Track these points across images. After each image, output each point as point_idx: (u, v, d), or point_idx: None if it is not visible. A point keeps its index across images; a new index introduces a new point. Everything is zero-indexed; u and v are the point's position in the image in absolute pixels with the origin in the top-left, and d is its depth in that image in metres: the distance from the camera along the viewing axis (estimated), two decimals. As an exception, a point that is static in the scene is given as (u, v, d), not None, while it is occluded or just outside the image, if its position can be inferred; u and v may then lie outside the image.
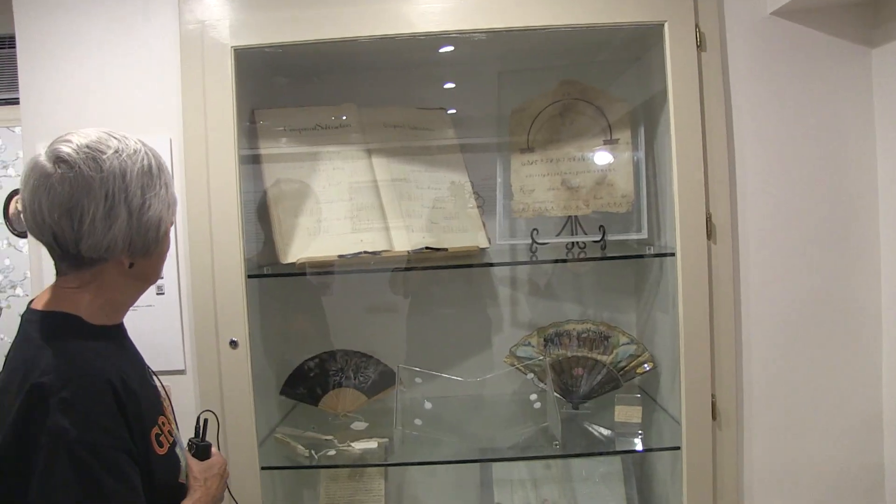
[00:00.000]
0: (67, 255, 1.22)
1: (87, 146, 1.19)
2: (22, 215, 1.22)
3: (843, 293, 1.97)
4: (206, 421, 1.50)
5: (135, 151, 1.24)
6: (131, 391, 1.22)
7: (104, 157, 1.19)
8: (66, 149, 1.18)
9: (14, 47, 1.96)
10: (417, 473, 2.43)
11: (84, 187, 1.17)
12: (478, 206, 2.23)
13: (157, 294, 1.95)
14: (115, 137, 1.23)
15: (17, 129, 3.52)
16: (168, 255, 1.37)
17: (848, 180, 1.96)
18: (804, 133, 1.95)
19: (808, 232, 1.96)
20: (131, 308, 1.37)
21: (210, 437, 1.53)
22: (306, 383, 2.29)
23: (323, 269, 2.13)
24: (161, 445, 1.28)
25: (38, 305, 1.26)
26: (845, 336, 1.98)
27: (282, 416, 2.30)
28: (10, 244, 3.62)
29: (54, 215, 1.17)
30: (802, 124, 1.95)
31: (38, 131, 1.96)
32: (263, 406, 2.05)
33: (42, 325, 1.23)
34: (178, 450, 1.36)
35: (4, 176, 3.60)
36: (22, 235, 3.58)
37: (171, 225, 1.34)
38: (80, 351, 1.20)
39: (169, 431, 1.33)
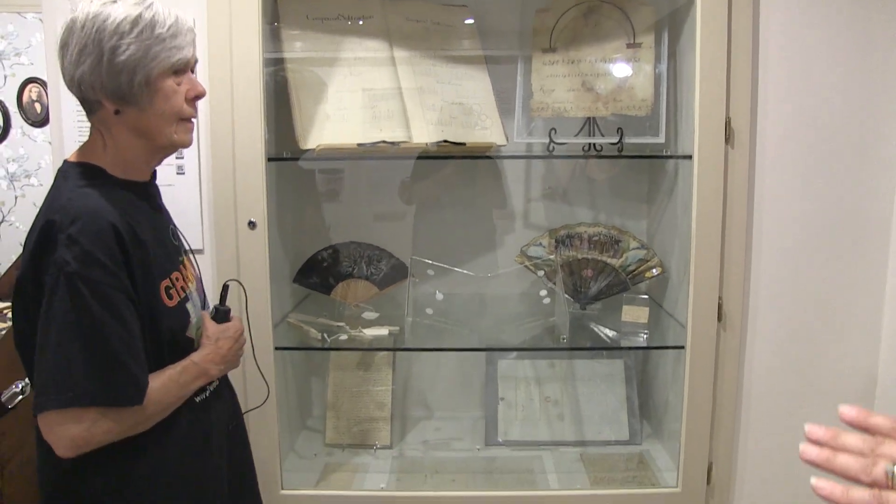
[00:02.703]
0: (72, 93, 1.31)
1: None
2: None
3: (855, 205, 1.99)
4: (226, 287, 1.57)
5: (141, 2, 1.27)
6: (140, 240, 1.29)
7: (106, 8, 1.25)
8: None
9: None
10: (424, 366, 2.50)
11: (70, 27, 1.27)
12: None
13: (178, 174, 1.97)
14: None
15: (29, 16, 3.47)
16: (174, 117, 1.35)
17: (872, 95, 1.95)
18: (833, 43, 1.93)
19: (826, 142, 1.96)
20: None
21: (236, 310, 1.58)
22: (319, 273, 2.33)
23: (341, 157, 2.14)
24: (171, 298, 1.36)
25: (70, 158, 1.35)
26: (853, 248, 2.01)
27: (294, 305, 2.34)
28: (24, 133, 3.61)
29: (57, 52, 1.29)
30: (831, 34, 1.93)
31: (58, 12, 1.94)
32: (277, 293, 2.08)
33: (69, 173, 1.31)
34: (188, 305, 1.43)
35: (17, 64, 3.56)
36: (36, 125, 3.57)
37: (159, 79, 1.30)
38: (93, 195, 1.26)
39: (182, 287, 1.40)
